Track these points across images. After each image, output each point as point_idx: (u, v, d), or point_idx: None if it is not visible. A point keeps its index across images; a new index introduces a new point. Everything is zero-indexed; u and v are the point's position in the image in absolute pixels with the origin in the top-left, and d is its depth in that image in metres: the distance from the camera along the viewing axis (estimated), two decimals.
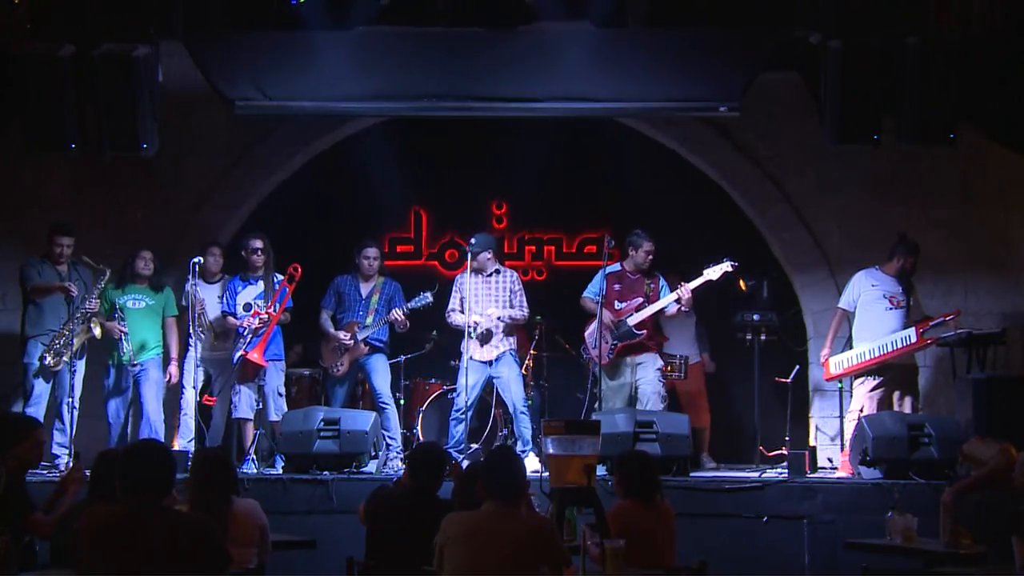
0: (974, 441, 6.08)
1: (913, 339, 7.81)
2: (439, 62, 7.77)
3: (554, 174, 9.29)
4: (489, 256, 8.14)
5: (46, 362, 7.72)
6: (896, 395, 7.98)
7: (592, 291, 8.04)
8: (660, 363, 8.08)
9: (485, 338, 7.99)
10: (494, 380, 8.08)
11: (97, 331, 7.80)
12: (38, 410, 7.70)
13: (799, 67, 8.16)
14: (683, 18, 7.73)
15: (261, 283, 8.10)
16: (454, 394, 8.29)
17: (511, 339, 8.15)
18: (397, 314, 8.07)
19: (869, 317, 7.99)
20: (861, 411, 7.89)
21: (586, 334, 8.10)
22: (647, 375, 7.97)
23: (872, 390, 7.94)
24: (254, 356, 7.84)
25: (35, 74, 7.37)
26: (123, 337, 7.86)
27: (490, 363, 8.02)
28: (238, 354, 7.88)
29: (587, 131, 8.97)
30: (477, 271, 8.11)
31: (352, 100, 8.08)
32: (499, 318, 8.00)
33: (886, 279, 8.01)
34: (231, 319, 8.06)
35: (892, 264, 8.03)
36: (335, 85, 7.86)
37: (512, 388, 8.01)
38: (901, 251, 8.01)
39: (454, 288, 8.22)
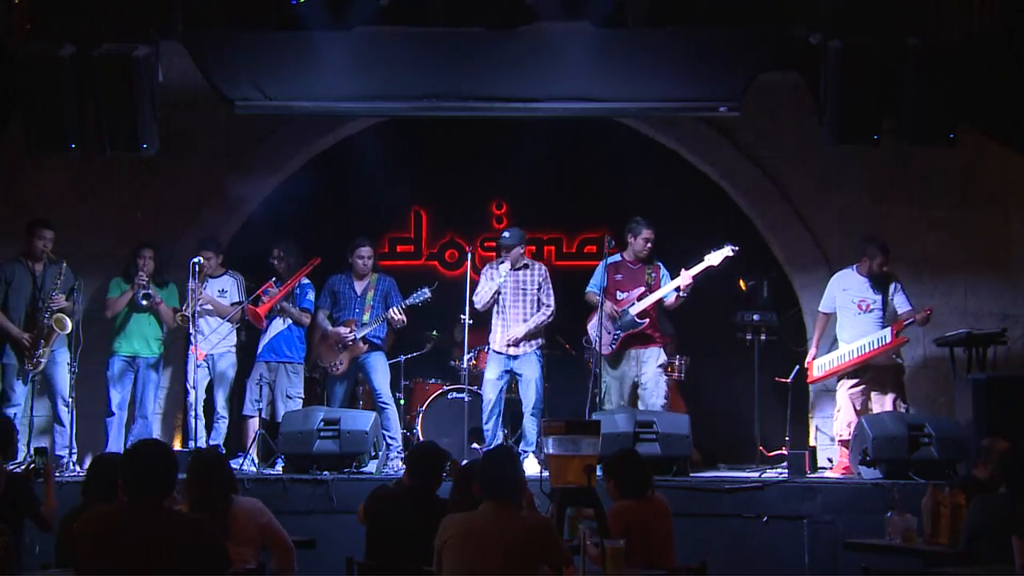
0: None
1: (888, 339, 7.83)
2: (439, 62, 7.76)
3: (554, 174, 9.29)
4: (521, 250, 8.17)
5: (26, 366, 7.78)
6: (878, 394, 7.98)
7: (593, 285, 8.07)
8: (664, 359, 8.09)
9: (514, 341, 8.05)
10: (517, 377, 8.08)
11: (68, 325, 7.77)
12: (18, 411, 7.76)
13: (799, 67, 8.15)
14: (683, 18, 7.73)
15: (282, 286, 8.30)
16: (453, 395, 8.32)
17: (537, 340, 8.18)
18: (395, 312, 8.10)
19: (844, 320, 8.09)
20: (839, 411, 7.99)
21: (589, 326, 8.11)
22: (650, 371, 7.97)
23: (851, 388, 7.97)
24: (259, 309, 8.12)
25: (35, 74, 7.36)
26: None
27: (512, 357, 8.03)
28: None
29: (587, 131, 8.96)
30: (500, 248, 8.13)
31: (352, 100, 8.08)
32: (526, 330, 8.04)
33: (858, 281, 8.02)
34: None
35: (863, 264, 8.04)
36: (335, 85, 7.86)
37: (531, 388, 8.02)
38: (870, 252, 8.00)
39: (484, 277, 8.20)
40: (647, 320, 8.00)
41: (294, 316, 8.29)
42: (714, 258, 7.91)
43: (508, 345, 8.02)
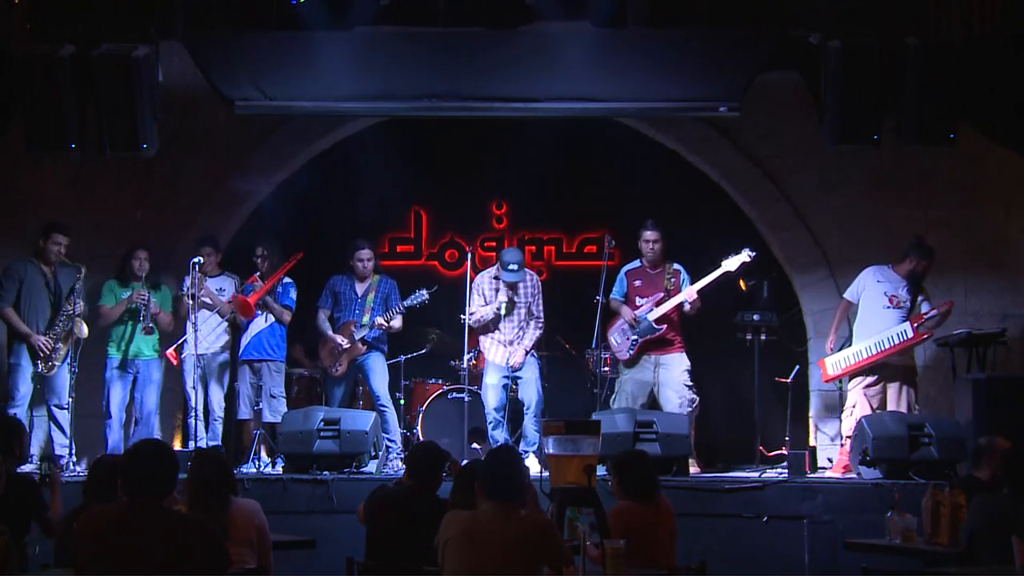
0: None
1: (909, 334, 7.79)
2: (439, 62, 7.76)
3: (554, 174, 9.28)
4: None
5: (39, 369, 7.77)
6: (891, 394, 7.95)
7: (614, 292, 8.13)
8: (687, 364, 8.04)
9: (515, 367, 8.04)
10: (517, 379, 8.09)
11: (85, 330, 7.81)
12: (21, 411, 7.75)
13: (799, 67, 8.16)
14: (683, 18, 7.71)
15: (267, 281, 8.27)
16: (453, 395, 8.30)
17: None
18: (383, 319, 8.10)
19: (867, 313, 7.98)
20: (854, 407, 7.92)
21: (609, 333, 8.12)
22: (671, 379, 7.95)
23: (867, 387, 7.93)
24: (249, 299, 8.11)
25: (35, 74, 7.36)
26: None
27: (511, 367, 8.03)
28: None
29: (587, 131, 8.96)
30: (502, 280, 8.08)
31: (352, 100, 8.08)
32: (524, 351, 8.00)
33: (893, 278, 7.98)
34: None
35: (904, 265, 7.99)
36: (335, 85, 7.87)
37: (531, 388, 8.01)
38: (915, 254, 7.95)
39: (477, 292, 8.11)
40: (665, 326, 7.97)
41: (276, 312, 8.25)
42: (731, 264, 7.90)
43: (511, 367, 8.00)
